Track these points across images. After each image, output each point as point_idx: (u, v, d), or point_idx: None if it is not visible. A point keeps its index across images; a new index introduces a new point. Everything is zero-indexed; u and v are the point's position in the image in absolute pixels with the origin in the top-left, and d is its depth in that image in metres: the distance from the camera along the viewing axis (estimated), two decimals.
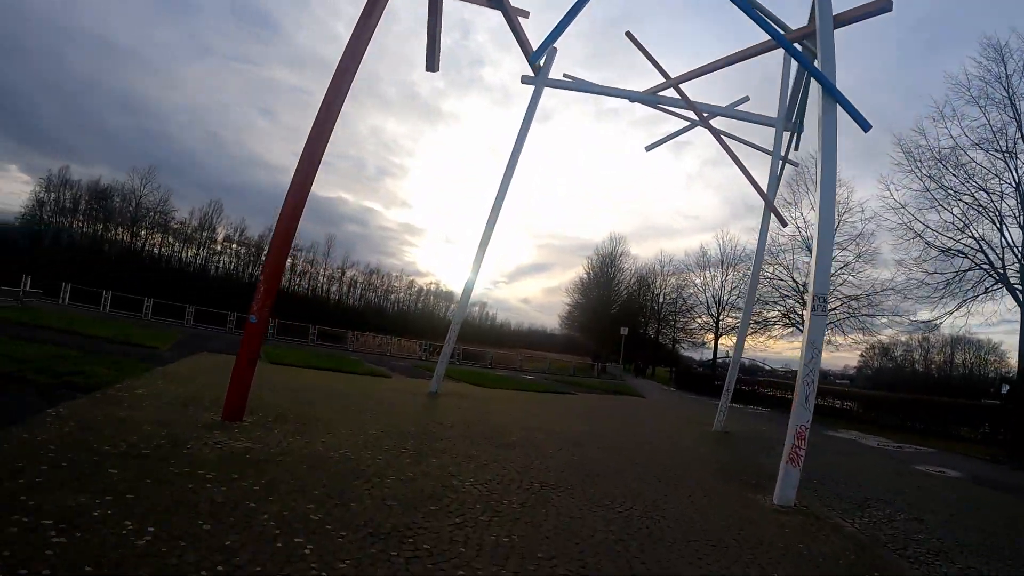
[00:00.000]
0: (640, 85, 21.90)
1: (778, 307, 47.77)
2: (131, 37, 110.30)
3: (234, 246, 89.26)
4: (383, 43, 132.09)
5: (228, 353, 22.80)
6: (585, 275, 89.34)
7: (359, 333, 43.13)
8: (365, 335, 46.61)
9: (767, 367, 73.36)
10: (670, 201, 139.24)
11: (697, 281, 63.24)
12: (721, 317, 58.92)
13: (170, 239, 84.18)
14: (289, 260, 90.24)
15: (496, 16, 17.78)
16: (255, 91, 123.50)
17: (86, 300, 32.07)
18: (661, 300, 74.41)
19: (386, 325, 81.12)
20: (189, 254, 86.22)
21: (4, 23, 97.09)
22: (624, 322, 69.29)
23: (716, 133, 20.40)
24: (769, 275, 45.75)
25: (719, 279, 59.92)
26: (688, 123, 21.78)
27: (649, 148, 23.99)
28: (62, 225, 77.06)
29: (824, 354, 10.43)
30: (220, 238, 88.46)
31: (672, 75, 20.08)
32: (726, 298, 58.86)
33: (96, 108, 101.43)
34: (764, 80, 61.20)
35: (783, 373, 75.91)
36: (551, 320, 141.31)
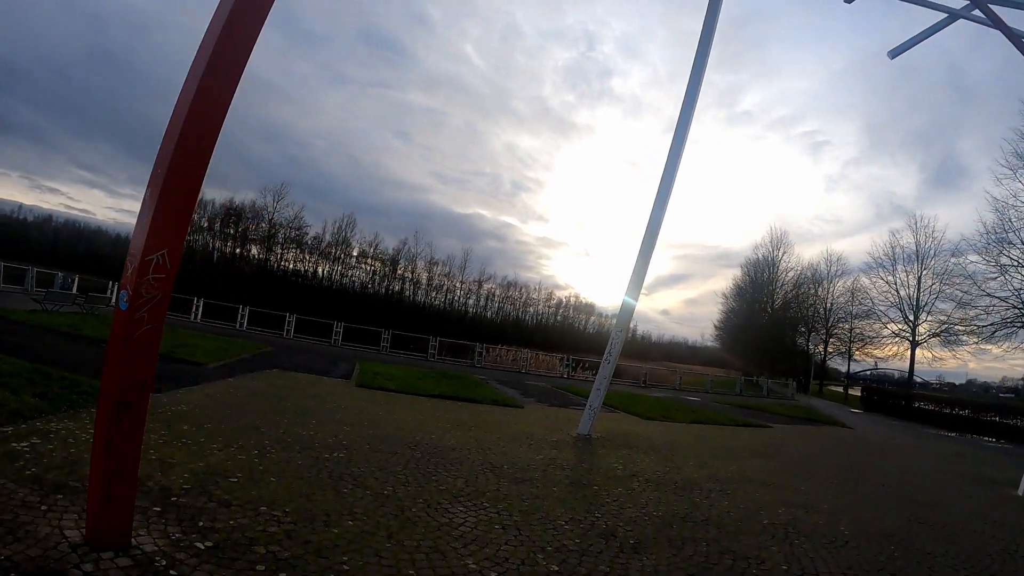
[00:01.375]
0: None
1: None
2: (270, 70, 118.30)
3: (368, 260, 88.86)
4: (511, 59, 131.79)
5: (307, 370, 17.38)
6: (739, 281, 79.10)
7: (489, 346, 36.95)
8: (496, 348, 40.50)
9: (918, 380, 58.65)
10: (808, 206, 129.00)
11: (880, 282, 50.87)
12: (919, 322, 46.87)
13: (305, 255, 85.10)
14: (424, 272, 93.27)
15: (621, 25, 12.72)
16: (390, 114, 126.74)
17: (217, 316, 28.92)
18: (829, 305, 61.61)
19: (525, 337, 78.65)
20: (324, 270, 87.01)
21: (154, 68, 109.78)
22: (782, 332, 58.48)
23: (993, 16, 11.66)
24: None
25: (912, 277, 47.86)
26: (946, 14, 13.18)
27: (894, 54, 15.63)
28: (196, 243, 79.79)
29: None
30: (355, 253, 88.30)
31: None
32: (922, 300, 46.84)
33: (240, 138, 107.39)
34: None
35: (937, 386, 65.53)
36: (691, 332, 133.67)
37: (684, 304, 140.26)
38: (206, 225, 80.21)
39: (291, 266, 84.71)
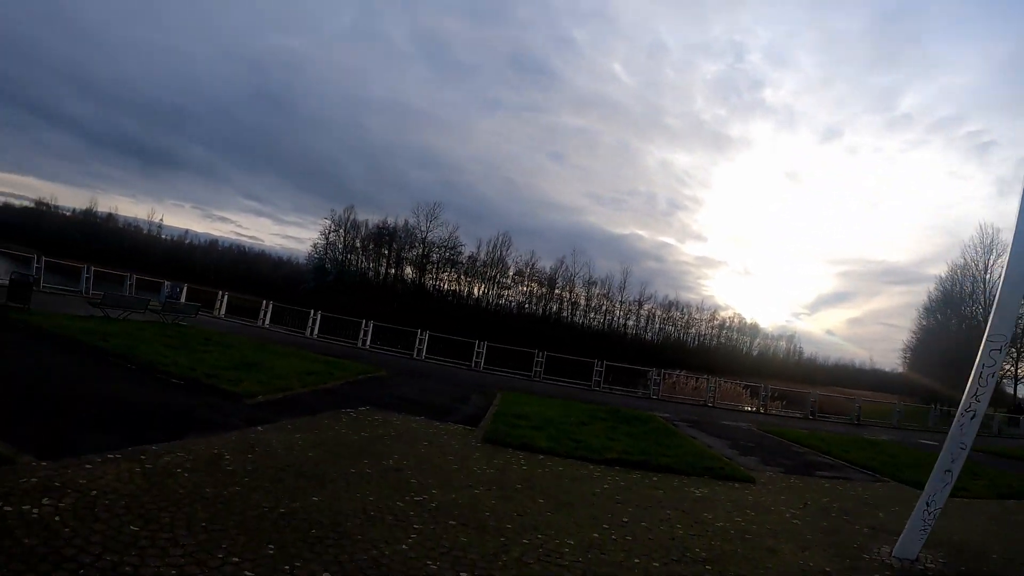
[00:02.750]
0: None
1: None
2: (423, 100, 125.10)
3: (524, 281, 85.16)
4: (660, 75, 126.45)
5: (420, 407, 11.73)
6: (932, 295, 65.38)
7: (666, 372, 29.49)
8: (675, 376, 32.96)
9: None
10: (978, 214, 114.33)
11: None
12: None
13: (459, 275, 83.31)
14: (582, 292, 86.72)
15: (767, 33, 6.03)
16: (543, 136, 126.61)
17: (339, 331, 25.10)
18: None
19: (684, 360, 72.02)
20: (479, 290, 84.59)
21: (310, 104, 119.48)
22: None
23: None
24: None
25: None
26: None
27: None
28: (348, 262, 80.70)
29: None
30: (511, 273, 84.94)
31: None
32: None
33: (396, 164, 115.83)
34: None
35: None
36: (857, 354, 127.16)
37: (847, 324, 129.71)
38: (359, 246, 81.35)
39: (445, 286, 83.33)
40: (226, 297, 26.00)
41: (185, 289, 25.41)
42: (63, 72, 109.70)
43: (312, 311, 24.48)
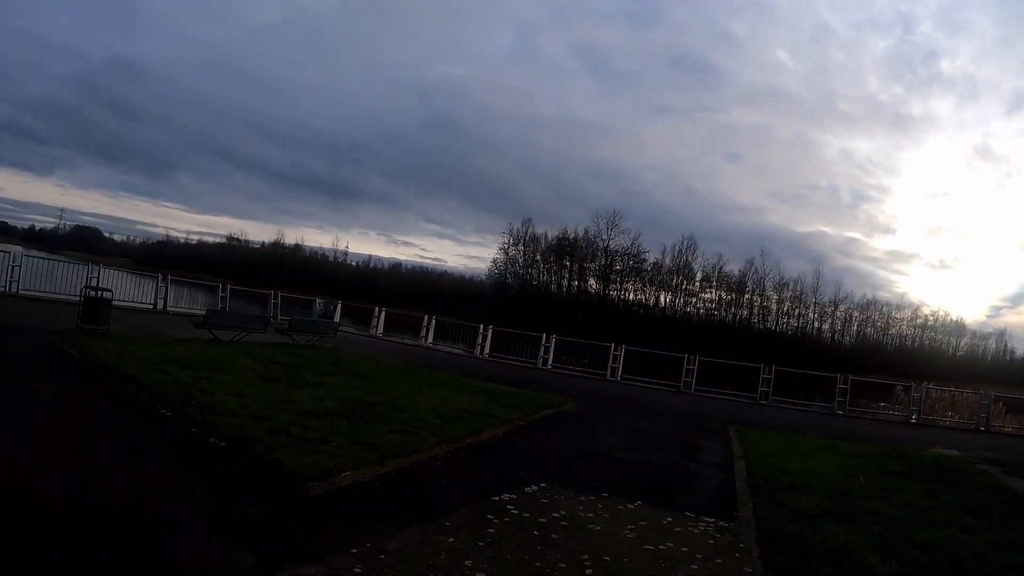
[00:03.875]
0: None
1: None
2: (591, 113, 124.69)
3: (712, 285, 76.63)
4: (828, 58, 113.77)
5: (623, 473, 6.72)
6: None
7: (917, 383, 20.89)
8: (938, 391, 23.77)
9: None
10: None
11: None
12: None
13: (644, 284, 77.09)
14: (773, 296, 78.77)
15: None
16: (716, 137, 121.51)
17: (517, 349, 21.30)
18: None
19: (884, 364, 61.48)
20: (665, 299, 77.49)
21: (480, 128, 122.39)
22: None
23: None
24: None
25: None
26: None
27: None
28: (529, 276, 78.21)
29: None
30: (698, 278, 76.96)
31: None
32: None
33: (573, 179, 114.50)
34: None
35: None
36: None
37: None
38: (539, 259, 78.76)
39: (631, 296, 77.54)
40: (383, 313, 23.08)
41: (339, 307, 23.30)
42: (248, 121, 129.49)
43: (481, 326, 20.80)
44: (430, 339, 22.04)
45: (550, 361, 19.28)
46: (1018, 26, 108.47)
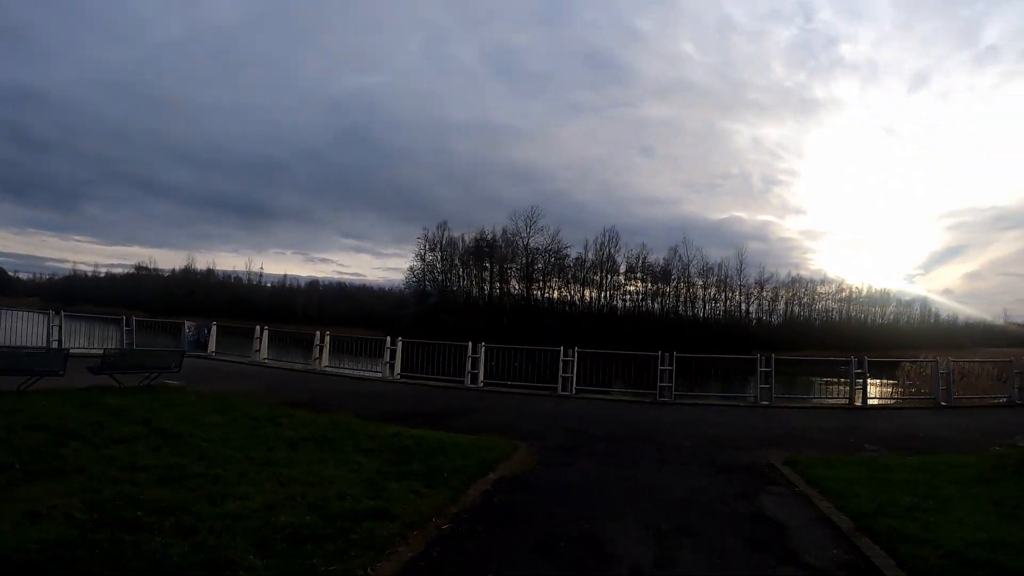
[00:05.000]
0: None
1: None
2: (505, 116, 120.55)
3: (637, 277, 74.48)
4: (733, 50, 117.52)
5: None
6: None
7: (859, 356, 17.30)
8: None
9: None
10: None
11: None
12: None
13: (567, 281, 73.79)
14: (699, 282, 75.12)
15: None
16: (629, 133, 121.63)
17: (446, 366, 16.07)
18: None
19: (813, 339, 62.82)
20: (590, 295, 74.37)
21: (394, 137, 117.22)
22: None
23: None
24: None
25: None
26: None
27: None
28: (449, 282, 73.28)
29: None
30: (622, 270, 74.40)
31: None
32: None
33: (490, 184, 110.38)
34: None
35: None
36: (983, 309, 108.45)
37: (965, 280, 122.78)
38: (458, 263, 74.05)
39: (555, 294, 74.08)
40: (266, 333, 17.73)
41: (214, 329, 17.95)
42: (158, 145, 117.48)
43: (388, 339, 15.76)
44: (325, 360, 16.80)
45: (481, 377, 14.55)
46: (916, 8, 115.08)
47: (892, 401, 17.37)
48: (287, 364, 17.39)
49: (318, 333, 17.10)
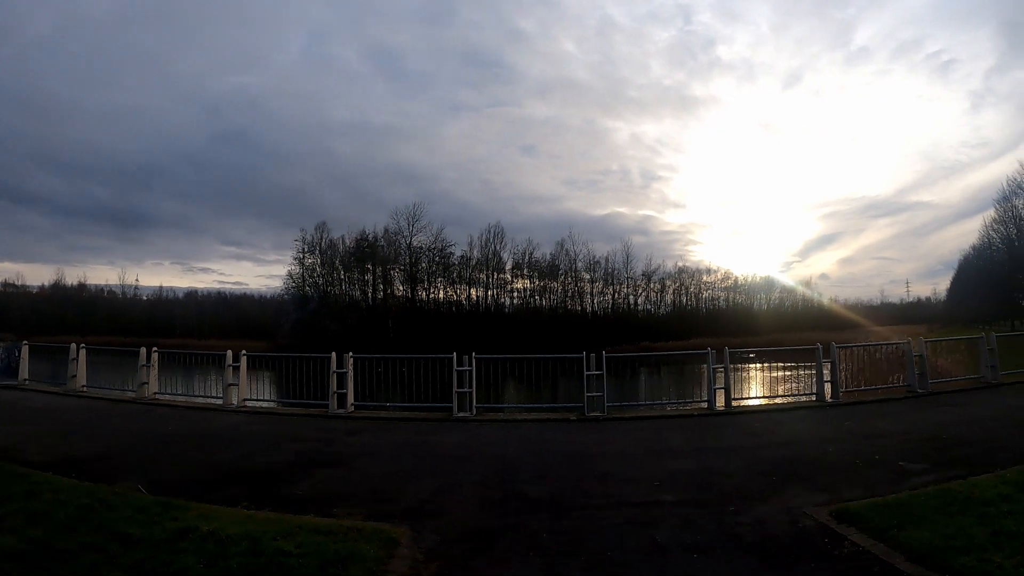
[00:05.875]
0: None
1: None
2: (387, 116, 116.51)
3: (524, 273, 72.40)
4: (614, 50, 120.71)
5: None
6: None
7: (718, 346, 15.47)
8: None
9: None
10: (953, 134, 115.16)
11: None
12: None
13: (452, 281, 70.20)
14: (587, 276, 73.71)
15: None
16: (511, 132, 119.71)
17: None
18: None
19: (707, 328, 61.84)
20: (477, 294, 71.08)
21: (275, 139, 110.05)
22: None
23: None
24: None
25: None
26: None
27: None
28: (330, 286, 67.74)
29: None
30: (508, 266, 71.81)
31: None
32: None
33: (374, 185, 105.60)
34: None
35: None
36: (863, 293, 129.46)
37: (840, 265, 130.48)
38: (339, 265, 68.23)
39: (441, 295, 70.33)
40: (83, 353, 13.29)
41: (25, 349, 14.22)
42: (29, 150, 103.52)
43: (229, 355, 11.42)
44: (154, 387, 12.35)
45: (350, 400, 10.67)
46: (791, 10, 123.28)
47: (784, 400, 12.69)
48: (112, 393, 13.01)
49: (143, 351, 12.42)
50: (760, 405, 10.51)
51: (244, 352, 12.07)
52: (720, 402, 10.15)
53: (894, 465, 6.30)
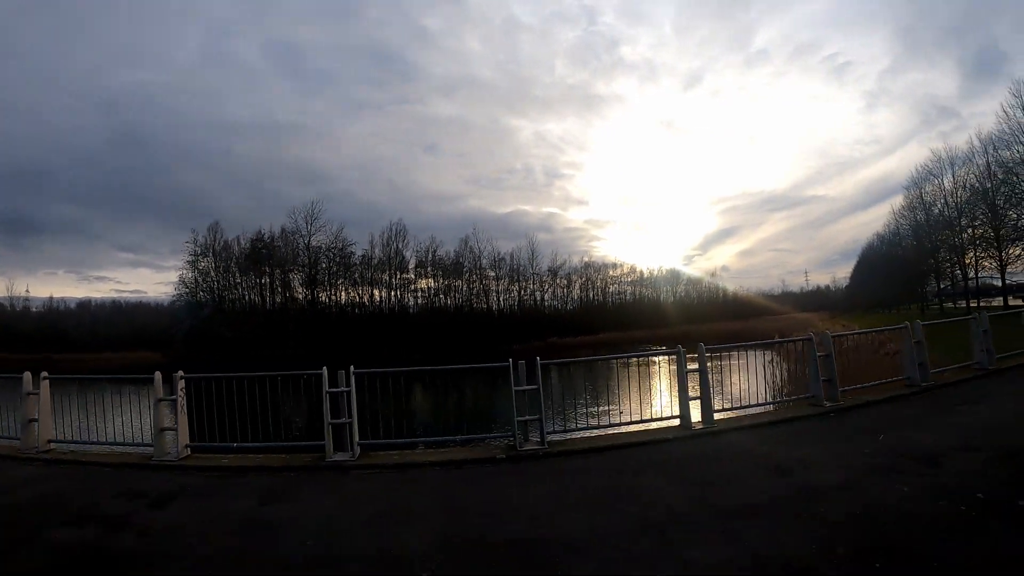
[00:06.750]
0: None
1: None
2: (288, 115, 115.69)
3: (428, 272, 68.85)
4: (519, 49, 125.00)
5: None
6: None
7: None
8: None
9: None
10: (847, 132, 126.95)
11: None
12: None
13: (353, 281, 65.33)
14: (492, 273, 73.42)
15: None
16: (414, 130, 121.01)
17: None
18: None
19: (616, 321, 64.92)
20: (380, 294, 67.31)
21: (173, 138, 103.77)
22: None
23: None
24: None
25: None
26: None
27: None
28: (226, 290, 61.97)
29: None
30: (411, 265, 68.81)
31: None
32: None
33: (275, 186, 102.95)
34: None
35: None
36: (763, 283, 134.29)
37: (739, 257, 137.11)
38: (235, 268, 61.76)
39: (343, 297, 65.42)
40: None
41: None
42: None
43: (26, 377, 7.56)
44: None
45: (184, 440, 7.20)
46: (694, 14, 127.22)
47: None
48: None
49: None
50: (741, 416, 7.85)
51: (45, 375, 8.20)
52: (696, 417, 7.45)
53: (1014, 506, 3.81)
